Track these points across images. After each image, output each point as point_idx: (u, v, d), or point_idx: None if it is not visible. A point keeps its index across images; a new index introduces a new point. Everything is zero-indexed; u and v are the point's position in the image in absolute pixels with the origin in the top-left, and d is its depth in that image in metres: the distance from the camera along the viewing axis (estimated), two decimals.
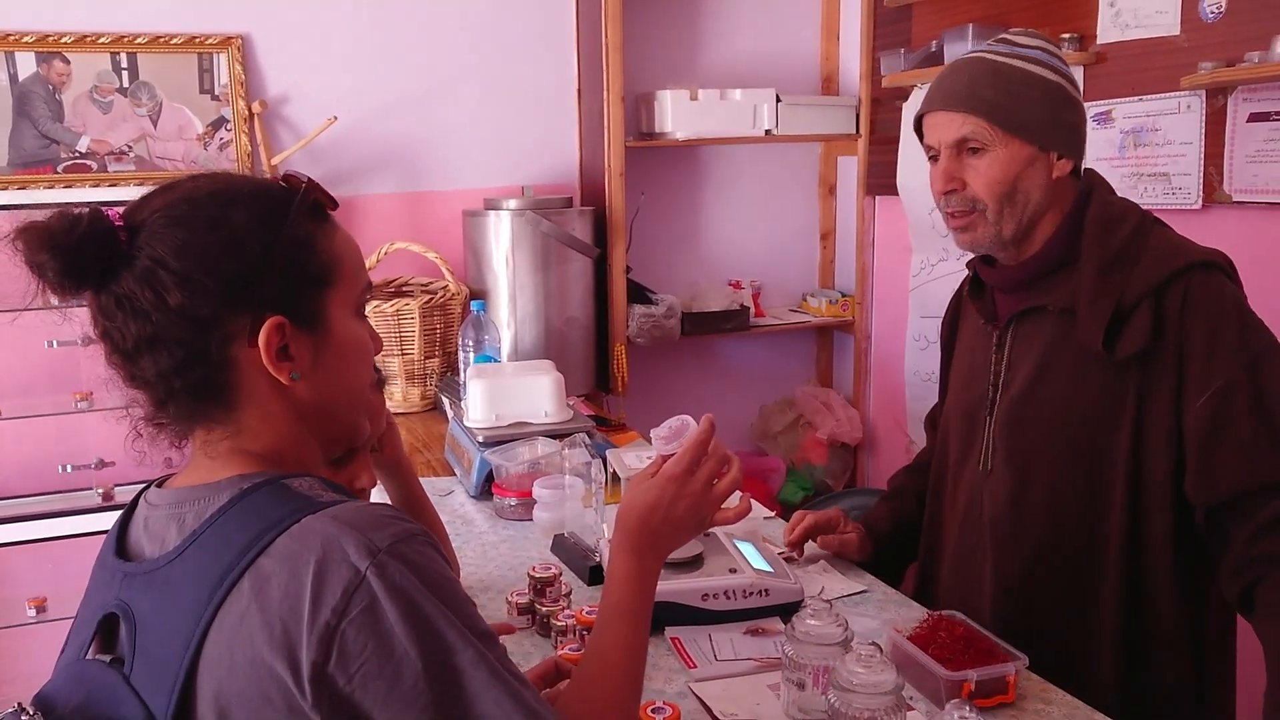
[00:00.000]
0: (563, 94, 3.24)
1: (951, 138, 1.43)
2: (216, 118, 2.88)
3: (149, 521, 0.86)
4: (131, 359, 0.83)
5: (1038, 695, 1.30)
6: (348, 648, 0.74)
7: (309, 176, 0.89)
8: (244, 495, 0.81)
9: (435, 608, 0.77)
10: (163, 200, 0.84)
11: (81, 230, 0.80)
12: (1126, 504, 1.40)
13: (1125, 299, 1.37)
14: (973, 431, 1.56)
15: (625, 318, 3.14)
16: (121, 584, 0.83)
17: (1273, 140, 2.08)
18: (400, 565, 0.77)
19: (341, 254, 0.90)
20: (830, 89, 3.52)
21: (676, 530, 1.07)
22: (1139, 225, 1.42)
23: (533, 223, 2.88)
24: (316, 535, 0.77)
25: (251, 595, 0.75)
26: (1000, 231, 1.44)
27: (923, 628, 1.37)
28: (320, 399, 0.89)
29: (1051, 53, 1.43)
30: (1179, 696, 1.42)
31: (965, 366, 1.62)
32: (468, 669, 0.77)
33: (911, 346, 3.29)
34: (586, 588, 1.64)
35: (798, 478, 3.48)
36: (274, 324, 0.84)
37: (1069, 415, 1.44)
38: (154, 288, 0.81)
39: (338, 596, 0.74)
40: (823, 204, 3.63)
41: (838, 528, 1.72)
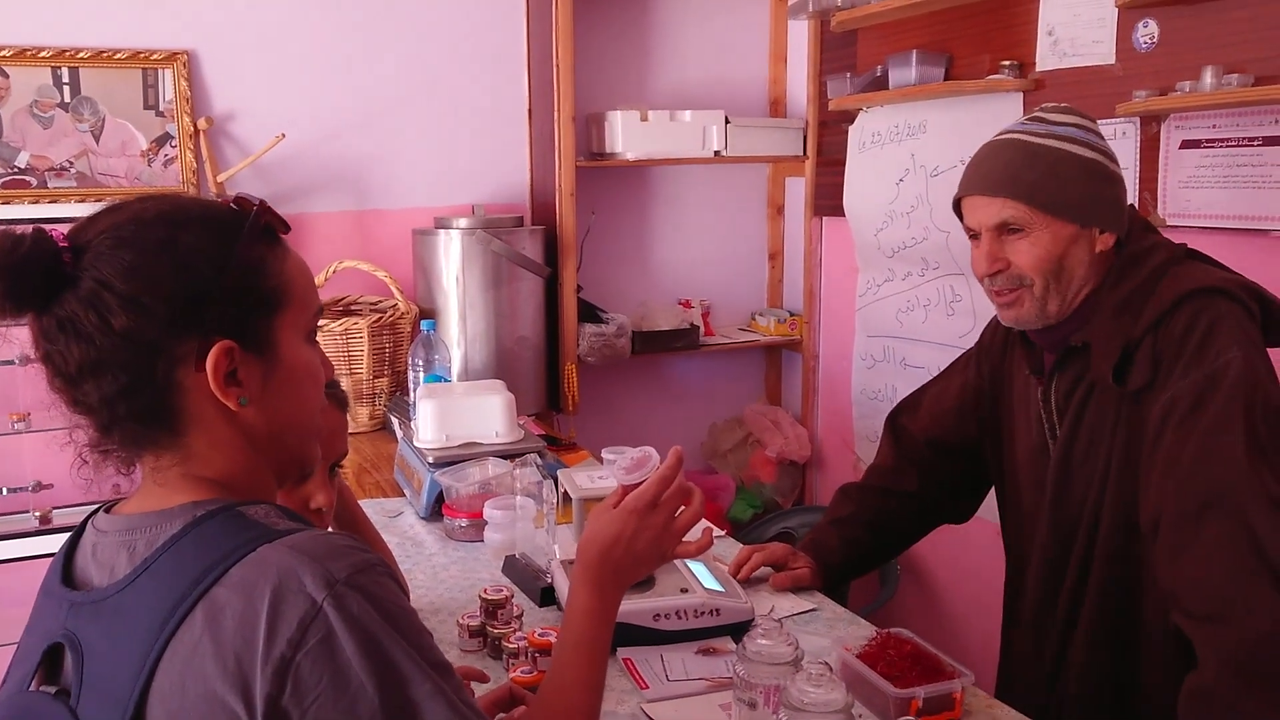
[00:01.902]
0: (513, 113, 3.24)
1: (992, 222, 1.43)
2: (161, 134, 2.84)
3: (97, 548, 0.84)
4: (74, 383, 0.81)
5: (984, 711, 1.33)
6: (303, 680, 0.73)
7: (261, 199, 0.88)
8: (198, 523, 0.79)
9: (392, 640, 0.76)
10: (110, 221, 0.82)
11: (24, 250, 0.77)
12: (1123, 531, 1.40)
13: (1133, 334, 1.37)
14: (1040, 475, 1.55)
15: (576, 337, 3.15)
16: (68, 613, 0.81)
17: (1203, 167, 2.15)
18: (358, 596, 0.76)
19: (293, 278, 0.88)
20: (778, 111, 3.57)
21: (637, 563, 1.08)
22: (1162, 263, 1.41)
23: (483, 242, 2.88)
24: (272, 565, 0.75)
25: (205, 626, 0.74)
26: (1045, 308, 1.44)
27: (871, 646, 1.39)
28: (270, 425, 0.87)
29: (1087, 128, 1.43)
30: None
31: (1021, 412, 1.60)
32: (424, 701, 0.76)
33: (859, 365, 3.34)
34: (538, 609, 1.63)
35: (747, 495, 3.50)
36: (222, 348, 0.82)
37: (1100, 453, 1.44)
38: (98, 310, 0.78)
39: (293, 628, 0.73)
40: (771, 224, 3.68)
41: (787, 563, 1.73)
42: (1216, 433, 1.26)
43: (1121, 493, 1.41)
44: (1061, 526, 1.50)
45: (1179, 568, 1.25)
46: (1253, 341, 1.32)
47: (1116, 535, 1.42)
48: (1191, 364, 1.31)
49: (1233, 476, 1.24)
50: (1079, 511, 1.47)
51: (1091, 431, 1.45)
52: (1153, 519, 1.31)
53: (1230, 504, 1.23)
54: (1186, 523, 1.26)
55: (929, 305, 3.02)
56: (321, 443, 1.22)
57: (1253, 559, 1.19)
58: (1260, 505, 1.22)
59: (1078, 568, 1.47)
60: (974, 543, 2.73)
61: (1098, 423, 1.44)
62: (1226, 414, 1.27)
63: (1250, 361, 1.29)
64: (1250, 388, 1.28)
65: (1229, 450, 1.25)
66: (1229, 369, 1.29)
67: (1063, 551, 1.50)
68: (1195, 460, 1.27)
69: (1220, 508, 1.23)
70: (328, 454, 1.32)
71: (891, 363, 3.19)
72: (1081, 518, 1.47)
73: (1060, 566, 1.51)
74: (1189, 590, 1.23)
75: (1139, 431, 1.38)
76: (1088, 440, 1.45)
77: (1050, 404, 1.52)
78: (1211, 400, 1.28)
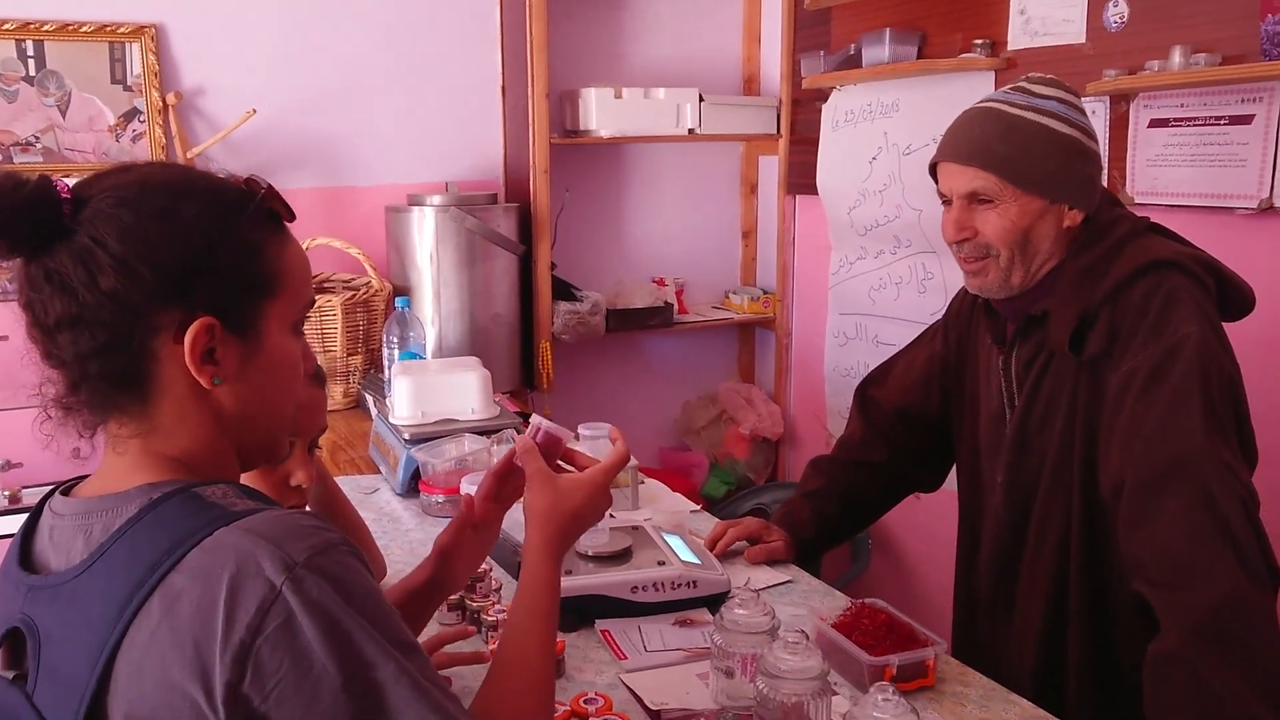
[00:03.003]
0: (487, 90, 3.23)
1: (963, 190, 1.45)
2: (129, 109, 2.81)
3: (54, 531, 0.83)
4: (51, 335, 0.80)
5: (956, 679, 1.36)
6: (263, 666, 0.71)
7: (270, 183, 0.87)
8: (154, 505, 0.78)
9: (355, 622, 0.75)
10: (115, 180, 0.81)
11: (26, 194, 0.77)
12: (1084, 497, 1.43)
13: (1091, 304, 1.40)
14: (998, 443, 1.58)
15: (550, 314, 3.15)
16: (26, 597, 0.79)
17: (1171, 145, 2.18)
18: (317, 579, 0.74)
19: (289, 267, 0.87)
20: (751, 90, 3.57)
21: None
22: (1124, 236, 1.43)
23: (457, 219, 2.87)
24: (230, 549, 0.74)
25: (162, 613, 0.72)
26: (1009, 279, 1.46)
27: (846, 615, 1.41)
28: (241, 409, 0.86)
29: (1069, 103, 1.44)
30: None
31: (984, 381, 1.63)
32: (389, 684, 0.75)
33: (831, 343, 3.36)
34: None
35: (720, 472, 3.53)
36: (203, 324, 0.81)
37: (1058, 423, 1.46)
38: (88, 267, 0.78)
39: (252, 613, 0.72)
40: (744, 203, 3.69)
41: (762, 537, 1.76)
42: (1176, 404, 1.29)
43: (1079, 461, 1.43)
44: (1017, 494, 1.53)
45: (1140, 536, 1.28)
46: (1208, 315, 1.36)
47: (1073, 503, 1.44)
48: (1150, 337, 1.34)
49: (1192, 447, 1.27)
50: (1035, 479, 1.50)
51: (1049, 400, 1.47)
52: (1114, 488, 1.34)
53: (1190, 473, 1.26)
54: (1147, 492, 1.29)
55: (901, 283, 3.05)
56: (300, 418, 1.21)
57: (1211, 526, 1.22)
58: (1218, 474, 1.25)
59: (1034, 535, 1.50)
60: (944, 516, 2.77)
61: (1055, 392, 1.47)
62: (1185, 386, 1.30)
63: (1206, 335, 1.33)
64: (1207, 361, 1.31)
65: (1188, 421, 1.28)
66: (1187, 342, 1.31)
67: (1019, 519, 1.53)
68: (1156, 431, 1.30)
69: (1180, 477, 1.26)
70: (307, 430, 1.30)
71: (864, 340, 3.22)
72: (1038, 485, 1.49)
73: (1016, 534, 1.53)
74: (1150, 558, 1.26)
75: (1097, 401, 1.41)
76: (1044, 409, 1.48)
77: (1010, 373, 1.54)
78: (1170, 373, 1.31)
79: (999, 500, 1.55)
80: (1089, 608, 1.45)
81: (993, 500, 1.57)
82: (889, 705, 1.04)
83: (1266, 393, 1.90)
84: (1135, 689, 1.40)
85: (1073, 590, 1.45)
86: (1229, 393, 1.33)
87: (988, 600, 1.60)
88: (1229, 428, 1.31)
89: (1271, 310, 1.84)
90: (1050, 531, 1.48)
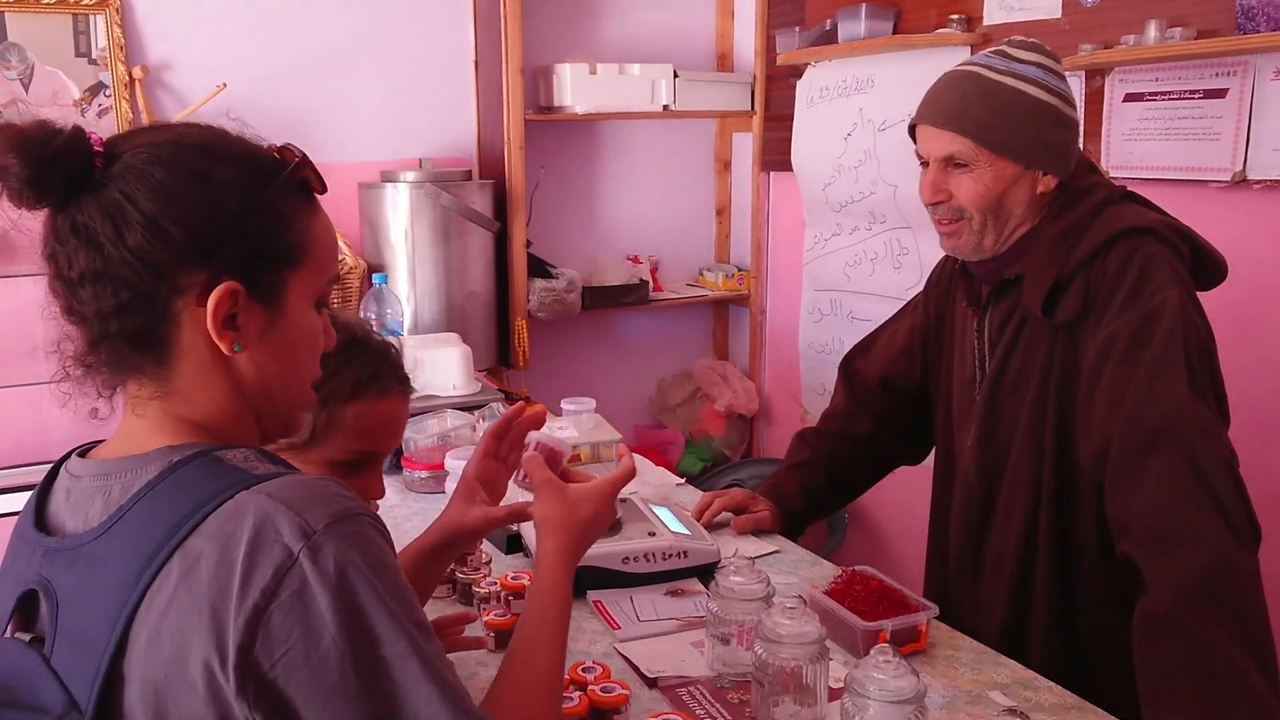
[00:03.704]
0: (459, 65, 3.19)
1: (940, 154, 1.46)
2: (94, 83, 2.74)
3: (71, 493, 0.82)
4: (73, 289, 0.79)
5: (947, 643, 1.37)
6: (273, 633, 0.71)
7: (304, 153, 0.85)
8: (174, 468, 0.77)
9: (369, 596, 0.74)
10: (149, 138, 0.80)
11: (59, 143, 0.76)
12: (1055, 462, 1.45)
13: (1065, 269, 1.41)
14: (970, 407, 1.59)
15: (526, 292, 3.13)
16: (43, 559, 0.79)
17: (1146, 119, 2.20)
18: (335, 548, 0.73)
19: (316, 239, 0.86)
20: (725, 66, 3.57)
21: (593, 541, 1.15)
22: (1100, 202, 1.45)
23: (432, 195, 2.84)
24: (250, 513, 0.73)
25: (180, 576, 0.72)
26: (981, 242, 1.48)
27: (838, 583, 1.43)
28: (259, 378, 0.85)
29: (1048, 68, 1.44)
30: (1106, 641, 1.45)
31: (959, 345, 1.64)
32: (397, 662, 0.74)
33: (806, 319, 3.38)
34: (505, 556, 1.64)
35: (696, 449, 3.54)
36: (227, 289, 0.79)
37: (1030, 386, 1.48)
38: (115, 222, 0.77)
39: (267, 578, 0.71)
40: (718, 180, 3.68)
41: (748, 508, 1.77)
42: (1159, 370, 1.31)
43: (1051, 426, 1.45)
44: (988, 458, 1.54)
45: (1128, 500, 1.30)
46: (1184, 281, 1.38)
47: (1044, 468, 1.46)
48: (1128, 302, 1.36)
49: (1177, 411, 1.29)
50: (1006, 443, 1.51)
51: (1021, 364, 1.49)
52: (1097, 453, 1.35)
53: (1175, 438, 1.27)
54: (1134, 456, 1.30)
55: (876, 259, 3.07)
56: (382, 435, 1.23)
57: (1198, 489, 1.24)
58: (1202, 437, 1.27)
59: (1005, 500, 1.52)
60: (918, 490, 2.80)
61: (1028, 357, 1.48)
62: (1167, 351, 1.31)
63: (1184, 301, 1.35)
64: (1186, 326, 1.33)
65: (1172, 386, 1.30)
66: (1166, 307, 1.33)
67: (990, 483, 1.54)
68: (1140, 396, 1.31)
69: (1166, 441, 1.28)
70: (387, 447, 1.28)
71: (839, 316, 3.24)
72: (1009, 450, 1.51)
73: (987, 499, 1.55)
74: (1138, 521, 1.28)
75: (1072, 367, 1.43)
76: (1017, 372, 1.50)
77: (984, 336, 1.56)
78: (1152, 338, 1.33)
79: (970, 464, 1.57)
80: (1055, 572, 1.47)
81: (964, 463, 1.59)
82: (889, 666, 1.05)
83: (1238, 361, 1.94)
84: (1094, 651, 1.45)
85: (1040, 554, 1.47)
86: (1207, 357, 1.35)
87: (958, 564, 1.62)
88: (1208, 391, 1.33)
89: (1244, 280, 1.87)
90: (1020, 496, 1.49)
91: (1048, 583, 1.47)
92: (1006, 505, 1.52)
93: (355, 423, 1.19)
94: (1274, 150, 1.98)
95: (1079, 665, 1.44)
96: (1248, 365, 2.05)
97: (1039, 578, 1.48)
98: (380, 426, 1.22)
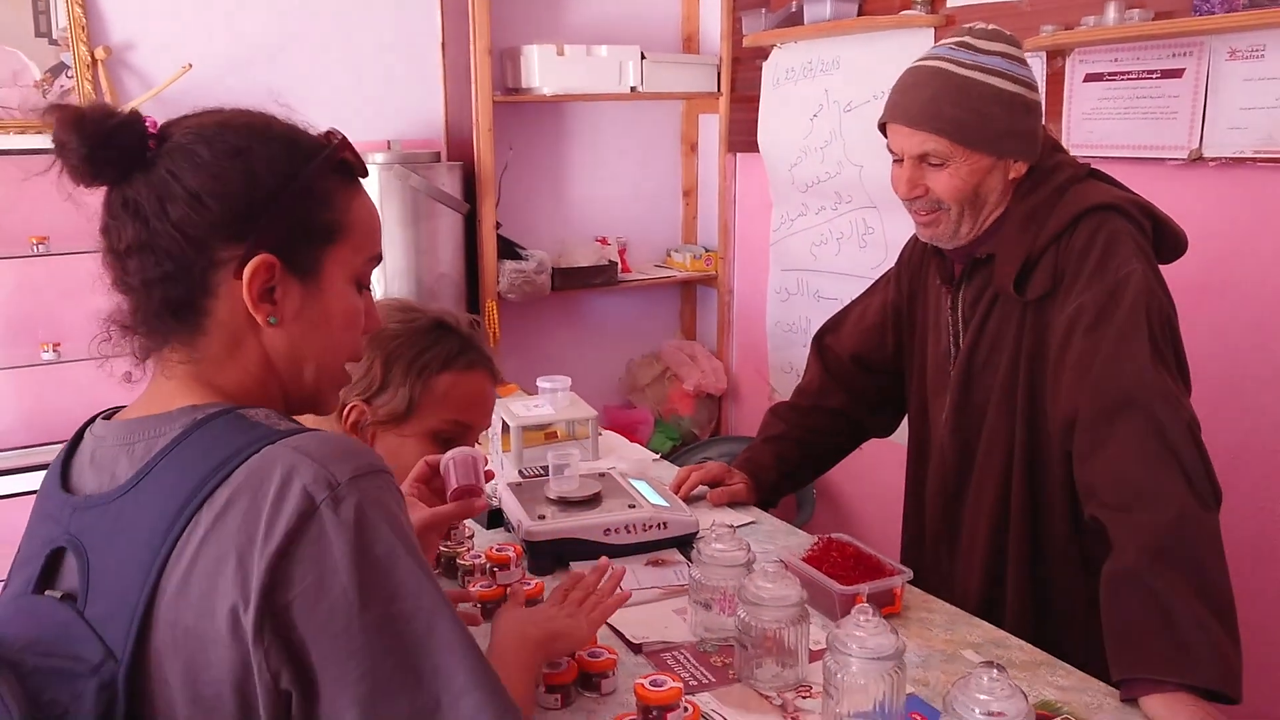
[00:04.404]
0: (426, 47, 3.18)
1: (915, 152, 1.49)
2: (56, 64, 2.71)
3: (96, 455, 0.84)
4: (121, 260, 0.83)
5: (921, 606, 1.42)
6: (291, 576, 0.74)
7: (345, 136, 0.89)
8: (198, 425, 0.80)
9: (387, 549, 0.77)
10: (199, 120, 0.85)
11: (115, 123, 0.81)
12: (1027, 432, 1.50)
13: (1035, 247, 1.47)
14: (944, 380, 1.64)
15: (496, 273, 3.14)
16: (71, 517, 0.81)
17: (1106, 99, 2.26)
18: (355, 501, 0.76)
19: (356, 218, 0.89)
20: (692, 48, 3.58)
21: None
22: (1065, 181, 1.50)
23: (401, 177, 2.84)
24: (276, 465, 0.76)
25: (209, 526, 0.75)
26: (959, 230, 1.52)
27: (815, 550, 1.46)
28: (291, 352, 0.87)
29: (1012, 57, 1.48)
30: (1077, 604, 1.50)
31: (932, 321, 1.68)
32: (422, 615, 0.77)
33: (773, 299, 3.42)
34: (486, 531, 1.66)
35: (665, 428, 3.57)
36: (264, 261, 0.83)
37: (1003, 361, 1.53)
38: (160, 197, 0.81)
39: (292, 522, 0.74)
40: (685, 161, 3.71)
41: (724, 480, 1.81)
42: (1124, 339, 1.36)
43: (1022, 396, 1.50)
44: (963, 429, 1.59)
45: (1095, 464, 1.35)
46: (1147, 255, 1.43)
47: (1016, 437, 1.51)
48: (1094, 277, 1.41)
49: (1140, 379, 1.34)
50: (980, 414, 1.57)
51: (994, 339, 1.54)
52: (1066, 420, 1.40)
53: (1139, 404, 1.33)
54: (1100, 423, 1.35)
55: (842, 238, 3.11)
56: (474, 407, 1.33)
57: (1161, 452, 1.29)
58: (1166, 403, 1.32)
59: (979, 469, 1.57)
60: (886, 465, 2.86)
61: (1000, 331, 1.53)
62: (1132, 322, 1.37)
63: (1147, 274, 1.40)
64: (1149, 297, 1.38)
65: (1137, 355, 1.35)
66: (1130, 280, 1.39)
67: (964, 453, 1.59)
68: (1105, 365, 1.36)
69: (1131, 408, 1.33)
70: (479, 420, 1.36)
71: (805, 295, 3.28)
72: (983, 420, 1.56)
73: (962, 468, 1.60)
74: (1105, 484, 1.33)
75: (1042, 339, 1.48)
76: (990, 347, 1.55)
77: (958, 312, 1.61)
78: (1117, 309, 1.38)
79: (945, 435, 1.62)
80: (1028, 538, 1.52)
81: (939, 435, 1.64)
82: (870, 625, 1.08)
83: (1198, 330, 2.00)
84: (1066, 614, 1.50)
85: (1013, 521, 1.52)
86: (1169, 327, 1.41)
87: (934, 533, 1.67)
88: (1171, 360, 1.39)
89: (1202, 253, 1.93)
90: (993, 465, 1.55)
91: (1021, 548, 1.52)
92: (981, 475, 1.56)
93: (447, 393, 1.30)
94: (1229, 129, 2.04)
95: (1051, 628, 1.49)
96: (1207, 335, 2.12)
97: (1012, 544, 1.53)
98: (470, 396, 1.33)
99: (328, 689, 0.74)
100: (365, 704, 0.74)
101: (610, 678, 1.19)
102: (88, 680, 0.73)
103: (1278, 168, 2.00)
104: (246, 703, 0.74)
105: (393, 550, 0.77)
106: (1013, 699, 0.96)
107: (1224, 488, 1.34)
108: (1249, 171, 2.05)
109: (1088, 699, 1.19)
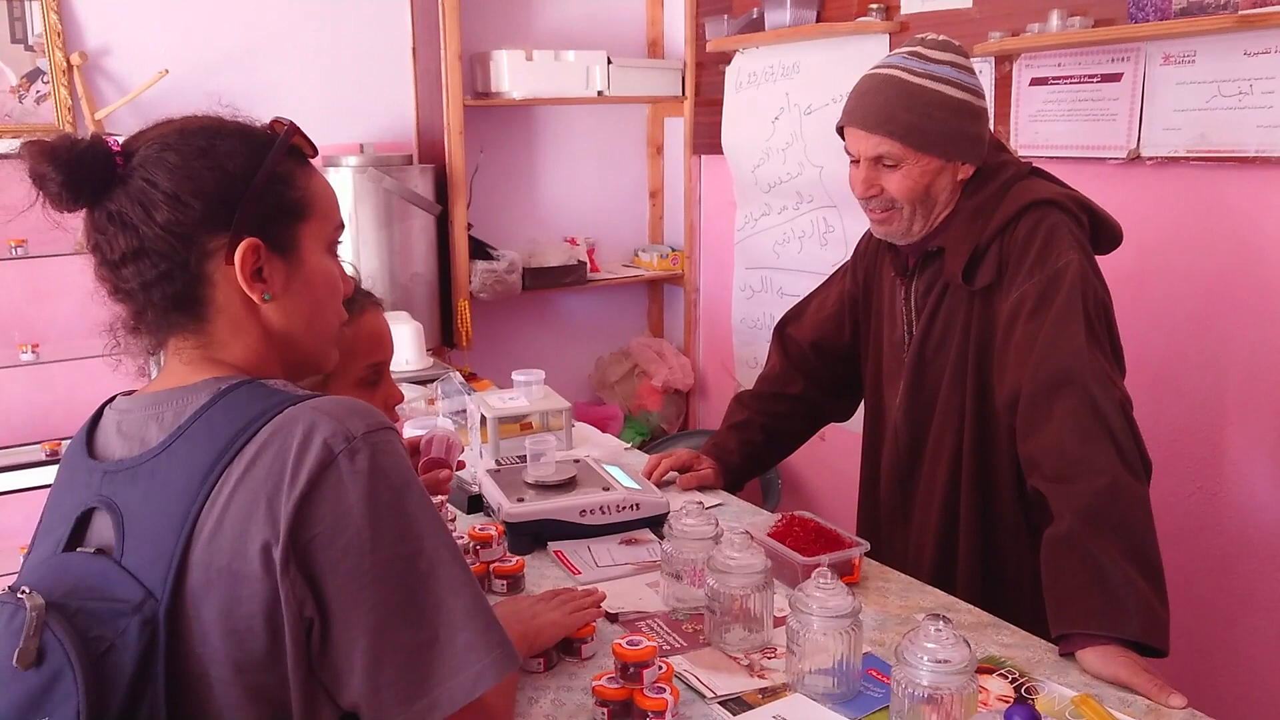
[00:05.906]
0: (398, 52, 3.25)
1: (870, 154, 1.60)
2: (31, 69, 2.75)
3: (122, 424, 0.92)
4: (116, 269, 0.90)
5: (878, 576, 1.52)
6: (312, 517, 0.82)
7: (293, 122, 0.97)
8: (224, 393, 0.88)
9: (394, 495, 0.85)
10: (158, 131, 0.92)
11: (81, 149, 0.87)
12: (976, 412, 1.61)
13: (982, 240, 1.58)
14: (899, 366, 1.74)
15: (468, 273, 3.22)
16: (101, 481, 0.89)
17: (1050, 101, 2.38)
18: (370, 453, 0.85)
19: (317, 194, 0.97)
20: (657, 53, 3.68)
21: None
22: (1009, 179, 1.61)
23: (375, 179, 2.91)
24: (299, 422, 0.85)
25: (239, 477, 0.83)
26: (911, 227, 1.63)
27: (779, 526, 1.56)
28: (288, 323, 0.96)
29: (960, 66, 1.58)
30: (1024, 571, 1.60)
31: (887, 311, 1.79)
32: (415, 554, 0.85)
33: (738, 296, 3.52)
34: (466, 515, 1.74)
35: (635, 424, 3.66)
36: (250, 244, 0.91)
37: (953, 346, 1.64)
38: (143, 204, 0.88)
39: (313, 469, 0.82)
40: (651, 163, 3.80)
41: (693, 466, 1.91)
42: (1061, 323, 1.48)
43: (971, 379, 1.61)
44: (916, 411, 1.71)
45: (1036, 439, 1.46)
46: (1084, 247, 1.55)
47: (965, 417, 1.62)
48: (1035, 266, 1.53)
49: (1076, 359, 1.45)
50: (932, 396, 1.68)
51: (945, 326, 1.65)
52: (1010, 398, 1.52)
53: (1075, 382, 1.44)
54: (1040, 400, 1.47)
55: (804, 236, 3.21)
56: (380, 344, 1.38)
57: (1095, 427, 1.41)
58: (1099, 382, 1.43)
59: (931, 448, 1.68)
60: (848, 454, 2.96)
61: (950, 318, 1.65)
62: (1069, 307, 1.48)
63: (1084, 264, 1.52)
64: (1085, 285, 1.50)
65: (1074, 337, 1.47)
66: (1068, 269, 1.50)
67: (917, 434, 1.71)
68: (1046, 346, 1.48)
69: (1067, 385, 1.44)
70: (387, 354, 1.43)
71: (769, 292, 3.38)
72: (935, 402, 1.67)
73: (915, 448, 1.71)
74: (1045, 457, 1.44)
75: (989, 325, 1.59)
76: (940, 334, 1.66)
77: (911, 302, 1.72)
78: (1056, 296, 1.49)
79: (899, 417, 1.73)
80: (977, 511, 1.63)
81: (894, 417, 1.74)
82: (828, 587, 1.18)
83: (1133, 317, 2.12)
84: (1013, 580, 1.61)
85: (964, 496, 1.64)
86: (1104, 313, 1.53)
87: (888, 510, 1.78)
88: (1105, 342, 1.50)
89: (1138, 245, 2.05)
90: (945, 444, 1.66)
91: (970, 521, 1.63)
92: (933, 453, 1.67)
93: (354, 341, 1.33)
94: (1164, 129, 2.16)
95: (999, 595, 1.60)
96: (1142, 321, 2.24)
97: (963, 517, 1.63)
98: (373, 336, 1.38)
99: (341, 617, 0.83)
100: (373, 633, 0.83)
101: (590, 643, 1.28)
102: (130, 618, 0.81)
103: (1209, 166, 2.12)
104: (275, 632, 0.82)
105: (401, 496, 0.86)
106: (957, 647, 1.06)
107: (1158, 466, 1.45)
108: (1183, 169, 2.17)
109: (1029, 654, 1.29)
